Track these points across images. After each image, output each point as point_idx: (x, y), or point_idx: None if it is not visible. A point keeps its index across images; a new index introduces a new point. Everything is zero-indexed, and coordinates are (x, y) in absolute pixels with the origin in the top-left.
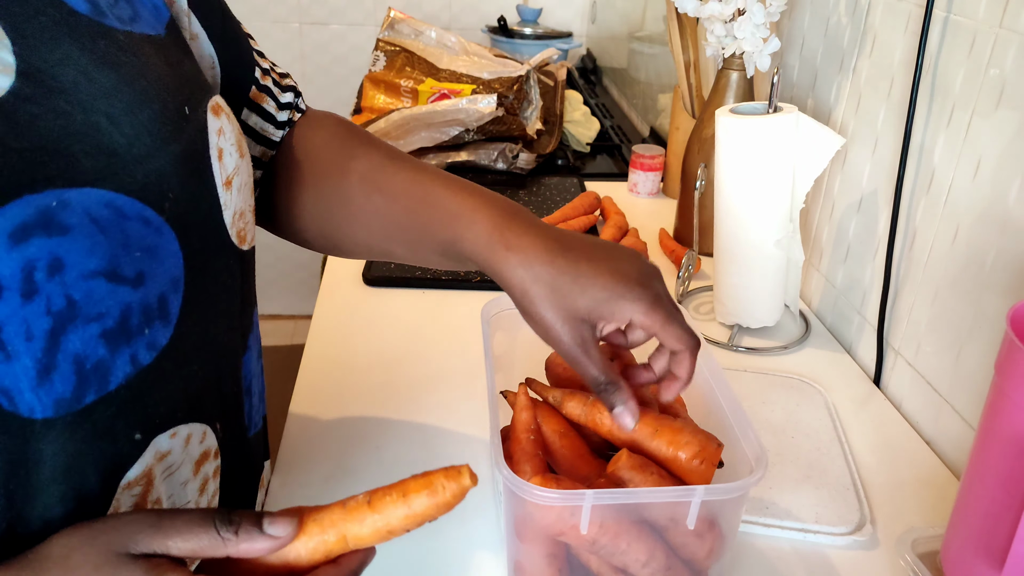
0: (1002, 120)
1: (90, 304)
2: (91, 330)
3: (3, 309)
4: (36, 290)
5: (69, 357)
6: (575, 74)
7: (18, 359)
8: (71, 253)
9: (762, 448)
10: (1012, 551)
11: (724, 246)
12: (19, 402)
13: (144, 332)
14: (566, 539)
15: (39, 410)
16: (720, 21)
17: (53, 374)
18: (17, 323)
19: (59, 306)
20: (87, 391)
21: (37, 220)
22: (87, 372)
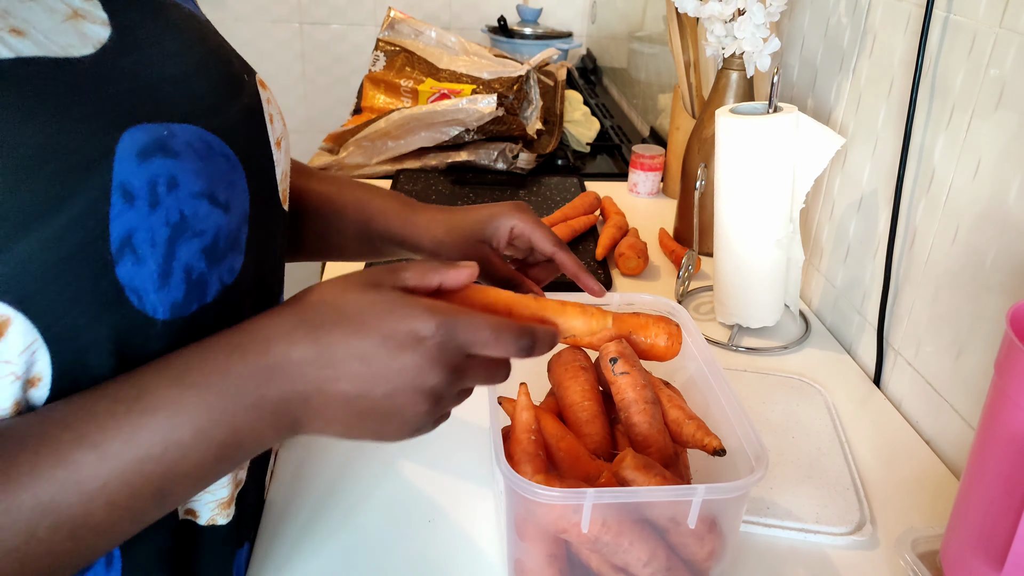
0: (1002, 120)
1: (196, 221)
2: (195, 245)
3: (134, 217)
4: (159, 202)
5: (181, 266)
6: (575, 74)
7: (145, 263)
8: (183, 174)
9: (763, 448)
10: (1012, 551)
11: (724, 246)
12: (146, 302)
13: (227, 256)
14: (568, 537)
15: (160, 311)
16: (720, 21)
17: (170, 280)
18: (145, 231)
19: (175, 219)
20: (192, 300)
21: (155, 144)
22: (193, 282)
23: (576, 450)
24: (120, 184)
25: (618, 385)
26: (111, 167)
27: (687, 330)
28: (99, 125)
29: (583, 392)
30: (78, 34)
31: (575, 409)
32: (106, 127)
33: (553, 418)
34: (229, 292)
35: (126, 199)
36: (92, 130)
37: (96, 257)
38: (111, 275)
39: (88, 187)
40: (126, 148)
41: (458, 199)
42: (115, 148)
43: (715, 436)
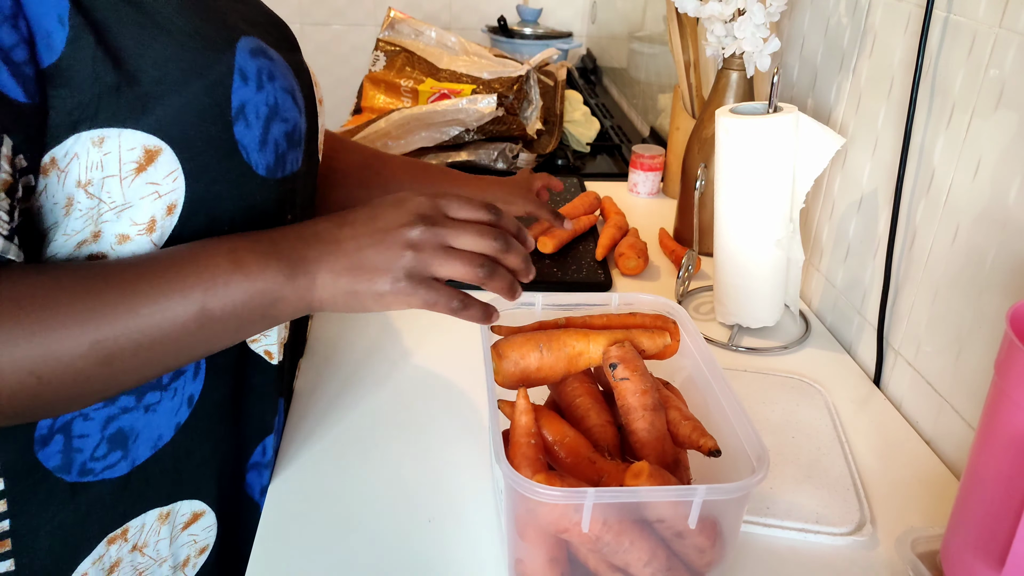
0: (1002, 120)
1: (284, 109)
2: (282, 127)
3: (247, 93)
4: (263, 86)
5: (273, 139)
6: (575, 74)
7: (251, 129)
8: (276, 71)
9: (764, 448)
10: (1012, 551)
11: (724, 246)
12: (251, 158)
13: (296, 148)
14: (568, 537)
15: (261, 168)
16: (720, 21)
17: (266, 147)
18: (252, 104)
19: (271, 102)
20: (278, 168)
21: (259, 49)
22: (280, 154)
23: (578, 452)
24: (240, 68)
25: (619, 391)
26: (234, 55)
27: (686, 330)
28: (227, 25)
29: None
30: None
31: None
32: (232, 28)
33: (554, 418)
34: (296, 176)
35: (243, 79)
36: (222, 27)
37: (220, 117)
38: (229, 132)
39: (220, 64)
40: (243, 45)
41: None
42: (236, 43)
43: (710, 437)
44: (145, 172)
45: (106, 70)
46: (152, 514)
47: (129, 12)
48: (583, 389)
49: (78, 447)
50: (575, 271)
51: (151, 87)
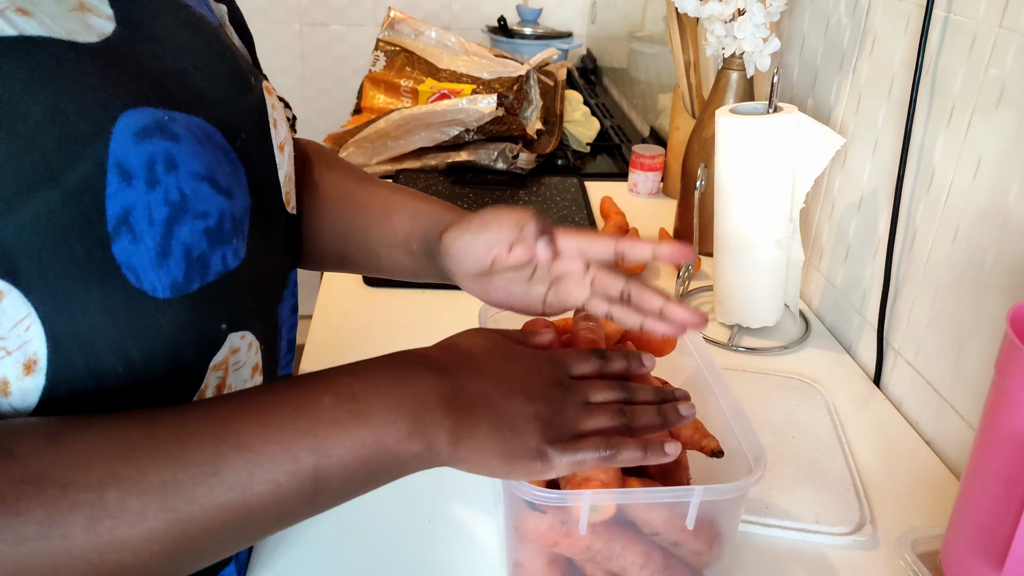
0: (1002, 120)
1: (197, 202)
2: (197, 225)
3: (131, 195)
4: (157, 181)
5: (181, 245)
6: (575, 74)
7: (142, 241)
8: (182, 155)
9: (761, 448)
10: (1012, 551)
11: (724, 246)
12: (144, 280)
13: (232, 240)
14: (560, 550)
15: (160, 290)
16: (720, 21)
17: (169, 259)
18: (142, 208)
19: (174, 199)
20: (193, 279)
21: (155, 126)
22: (193, 261)
23: None
24: (116, 162)
25: None
26: (108, 144)
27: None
28: (98, 103)
29: None
30: (82, 24)
31: None
32: (105, 105)
33: None
34: (232, 276)
35: (123, 177)
36: (91, 107)
37: (91, 234)
38: (107, 252)
39: (84, 162)
40: (124, 127)
41: (458, 199)
42: (112, 126)
43: (713, 437)
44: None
45: None
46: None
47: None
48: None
49: None
50: None
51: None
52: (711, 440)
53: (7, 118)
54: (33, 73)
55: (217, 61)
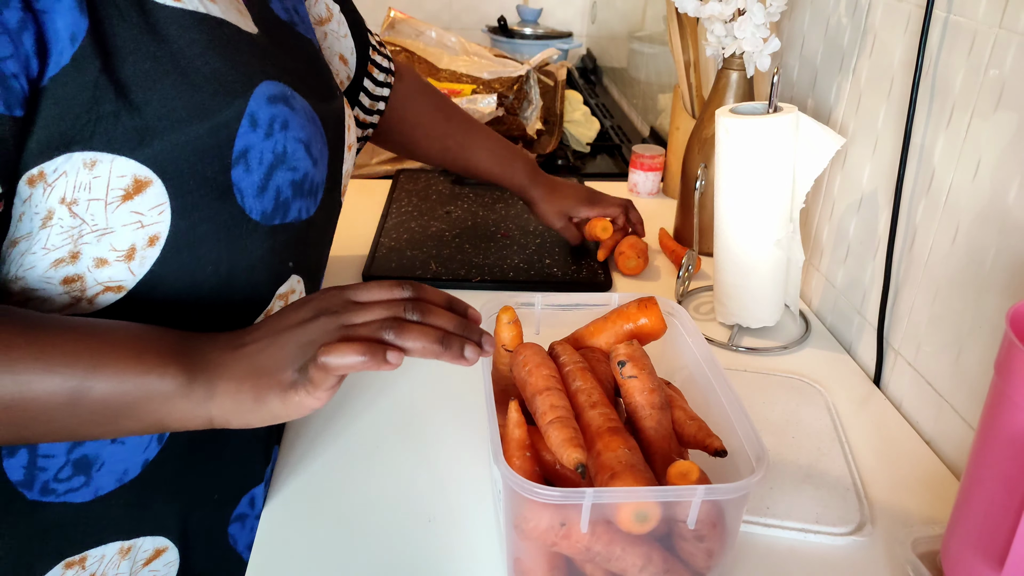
0: (1002, 120)
1: (293, 159)
2: (288, 176)
3: (253, 139)
4: (272, 134)
5: (275, 186)
6: (575, 74)
7: (252, 174)
8: (294, 122)
9: (763, 448)
10: (1012, 551)
11: (724, 246)
12: (246, 202)
13: (308, 198)
14: (559, 550)
15: (255, 213)
16: (720, 21)
17: (265, 193)
18: (256, 151)
19: (279, 150)
20: (276, 215)
21: (281, 96)
22: (280, 202)
23: None
24: (250, 113)
25: (626, 388)
26: (247, 100)
27: (687, 330)
28: (248, 72)
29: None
30: (242, 20)
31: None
32: (252, 74)
33: None
34: (301, 226)
35: (251, 124)
36: (242, 73)
37: (220, 159)
38: (227, 174)
39: (230, 109)
40: (262, 91)
41: (458, 199)
42: (254, 89)
43: (716, 437)
44: (131, 201)
45: (107, 97)
46: (113, 547)
47: (149, 46)
48: (588, 387)
49: (42, 466)
50: (575, 271)
51: (153, 121)
52: (715, 439)
53: (186, 71)
54: (212, 41)
55: (317, 72)
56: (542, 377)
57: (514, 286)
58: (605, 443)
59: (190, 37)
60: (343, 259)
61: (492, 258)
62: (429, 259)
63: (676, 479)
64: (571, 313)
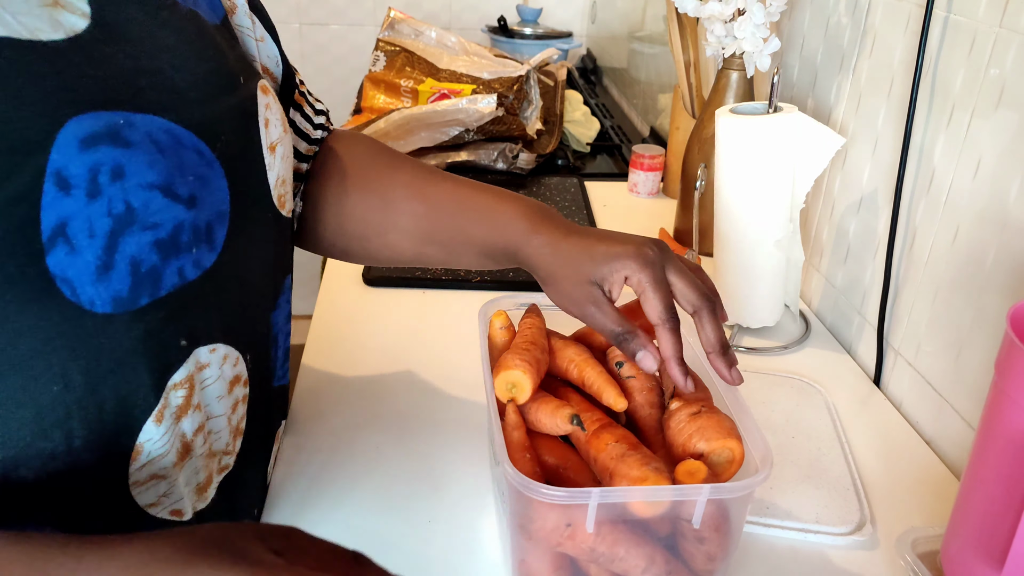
0: (1002, 120)
1: (147, 213)
2: (146, 237)
3: (70, 206)
4: (100, 192)
5: (126, 259)
6: (575, 74)
7: (81, 254)
8: (132, 164)
9: (768, 448)
10: (1012, 551)
11: (724, 246)
12: (81, 294)
13: (192, 250)
14: (564, 550)
15: (99, 304)
16: (720, 21)
17: (111, 272)
18: (81, 220)
19: (119, 210)
20: (141, 293)
21: (105, 132)
22: (142, 275)
23: (576, 462)
24: (55, 171)
25: (625, 388)
26: (48, 153)
27: (688, 330)
28: (46, 109)
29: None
30: (51, 20)
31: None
32: (53, 112)
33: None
34: (195, 288)
35: (60, 187)
36: (38, 114)
37: (24, 244)
38: (40, 264)
39: (24, 172)
40: (69, 134)
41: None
42: (56, 134)
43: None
44: None
45: None
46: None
47: None
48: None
49: None
50: None
51: None
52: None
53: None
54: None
55: (199, 59)
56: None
57: (514, 286)
58: (595, 446)
59: None
60: (340, 268)
61: None
62: None
63: (683, 477)
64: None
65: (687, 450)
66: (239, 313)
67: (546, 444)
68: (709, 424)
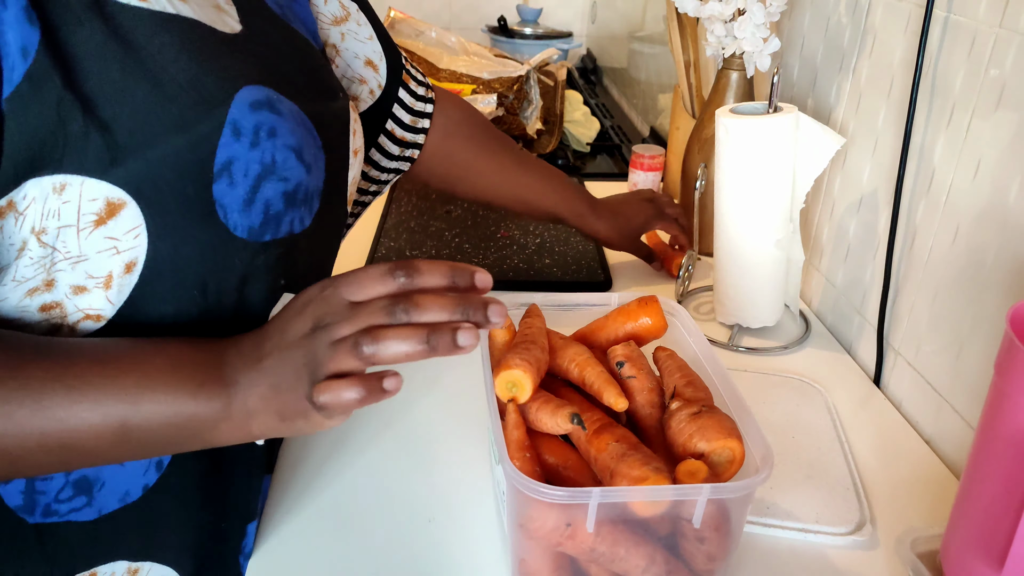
0: (1002, 120)
1: (283, 168)
2: (278, 187)
3: (237, 150)
4: (259, 143)
5: (263, 199)
6: (575, 74)
7: (235, 188)
8: (281, 128)
9: (768, 447)
10: (1012, 551)
11: (724, 246)
12: (230, 219)
13: (301, 208)
14: (564, 550)
15: (240, 229)
16: (720, 21)
17: (251, 207)
18: (241, 162)
19: (267, 160)
20: (267, 230)
21: (266, 101)
22: (269, 216)
23: (577, 462)
24: (232, 121)
25: (625, 388)
26: (228, 109)
27: (688, 330)
28: (227, 76)
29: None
30: (219, 19)
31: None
32: (232, 79)
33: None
34: (295, 239)
35: (234, 134)
36: (221, 78)
37: (201, 174)
38: (208, 191)
39: (209, 119)
40: (243, 97)
41: (458, 199)
42: (235, 95)
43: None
44: (104, 226)
45: (73, 115)
46: (121, 565)
47: (116, 51)
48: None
49: (41, 489)
50: (575, 271)
51: (125, 138)
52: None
53: (157, 79)
54: (184, 45)
55: (314, 71)
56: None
57: (514, 286)
58: (596, 446)
59: (160, 41)
60: (343, 260)
61: (492, 258)
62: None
63: (684, 477)
64: (571, 313)
65: (687, 450)
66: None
67: (546, 444)
68: (710, 424)
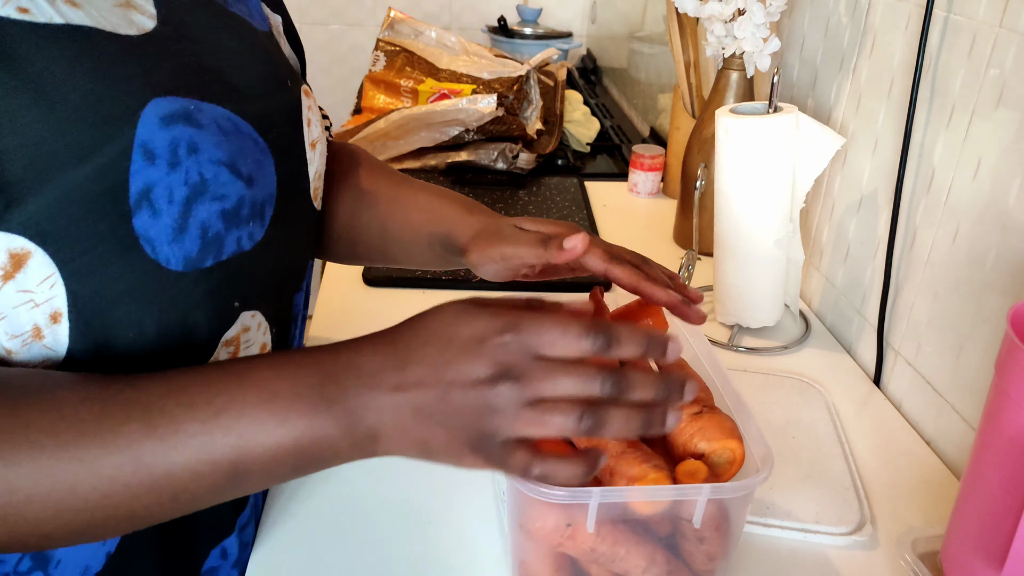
0: (1002, 120)
1: (216, 185)
2: (214, 207)
3: (154, 174)
4: (179, 163)
5: (197, 224)
6: (575, 74)
7: (160, 218)
8: (204, 142)
9: (768, 447)
10: (1012, 551)
11: (724, 246)
12: (159, 252)
13: (248, 224)
14: (564, 550)
15: (174, 262)
16: (720, 21)
17: (184, 235)
18: (163, 187)
19: (194, 180)
20: (207, 255)
21: (181, 113)
22: (209, 239)
23: None
24: (142, 143)
25: None
26: (135, 127)
27: (688, 330)
28: (131, 90)
29: None
30: (125, 19)
31: None
32: (136, 92)
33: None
34: (248, 257)
35: (147, 157)
36: (124, 93)
37: (115, 208)
38: (128, 225)
39: (114, 143)
40: (151, 113)
41: None
42: (141, 111)
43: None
44: (13, 280)
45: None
46: None
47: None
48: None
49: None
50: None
51: (19, 172)
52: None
53: (49, 101)
54: (76, 59)
55: (254, 61)
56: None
57: (514, 286)
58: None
59: (49, 55)
60: None
61: None
62: None
63: (684, 477)
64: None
65: (688, 450)
66: (273, 287)
67: (546, 443)
68: (710, 424)
